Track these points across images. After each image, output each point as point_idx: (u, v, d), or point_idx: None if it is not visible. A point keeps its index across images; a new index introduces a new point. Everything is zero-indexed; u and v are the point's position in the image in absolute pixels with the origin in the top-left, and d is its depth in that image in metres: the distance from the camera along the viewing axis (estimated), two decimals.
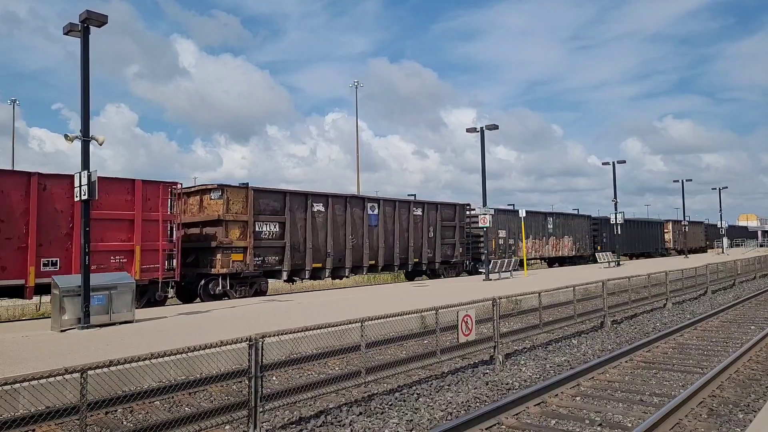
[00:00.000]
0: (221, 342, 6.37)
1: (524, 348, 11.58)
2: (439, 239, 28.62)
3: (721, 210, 60.51)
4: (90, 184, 12.42)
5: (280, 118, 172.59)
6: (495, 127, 26.06)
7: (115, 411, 7.40)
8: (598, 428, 6.71)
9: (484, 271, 26.15)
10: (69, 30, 12.67)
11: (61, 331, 12.14)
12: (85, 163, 12.68)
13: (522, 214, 30.54)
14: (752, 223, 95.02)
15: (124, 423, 7.09)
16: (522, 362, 10.37)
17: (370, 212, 24.79)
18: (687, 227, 55.86)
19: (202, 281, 19.25)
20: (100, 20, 12.63)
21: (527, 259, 33.22)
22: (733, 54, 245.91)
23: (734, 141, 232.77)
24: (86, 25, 12.68)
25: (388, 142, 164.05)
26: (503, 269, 27.53)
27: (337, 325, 7.82)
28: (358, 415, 7.23)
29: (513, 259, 29.16)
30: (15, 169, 15.80)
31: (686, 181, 51.32)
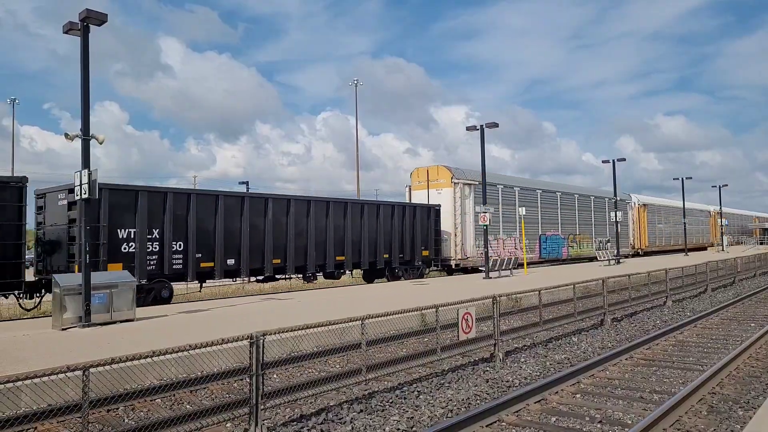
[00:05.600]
0: (222, 340, 6.39)
1: (524, 346, 11.60)
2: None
3: (721, 208, 60.54)
4: (90, 183, 12.43)
5: (269, 116, 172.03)
6: (495, 125, 26.04)
7: (117, 409, 7.42)
8: (599, 425, 6.73)
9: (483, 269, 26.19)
10: (69, 29, 12.67)
11: (62, 329, 12.16)
12: (86, 162, 12.68)
13: (522, 212, 30.54)
14: (439, 193, 32.03)
15: (126, 421, 7.11)
16: (522, 360, 10.39)
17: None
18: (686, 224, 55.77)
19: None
20: (100, 19, 12.63)
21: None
22: (732, 53, 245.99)
23: (729, 139, 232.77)
24: (86, 23, 12.67)
25: (382, 141, 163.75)
26: (503, 267, 27.54)
27: (337, 323, 7.85)
28: (359, 413, 7.25)
29: (513, 258, 29.16)
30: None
31: (686, 179, 51.12)
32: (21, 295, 15.72)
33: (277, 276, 22.08)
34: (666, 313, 16.37)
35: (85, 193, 12.48)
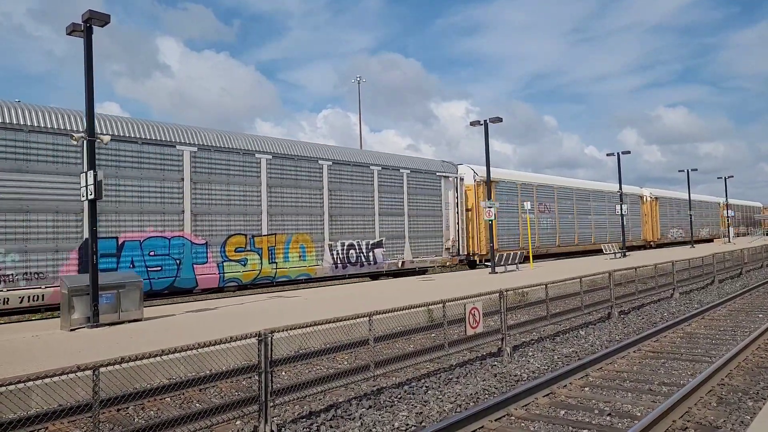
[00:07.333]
0: (231, 338, 6.41)
1: (532, 340, 11.59)
2: None
3: (727, 199, 60.29)
4: (96, 183, 12.46)
5: (269, 114, 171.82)
6: (499, 119, 25.97)
7: (127, 408, 7.46)
8: (607, 418, 6.72)
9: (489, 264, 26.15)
10: (72, 30, 12.69)
11: (71, 330, 12.22)
12: (91, 163, 12.72)
13: (527, 207, 30.46)
14: None
15: (136, 420, 7.15)
16: (530, 354, 10.39)
17: None
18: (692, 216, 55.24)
19: None
20: (103, 19, 12.64)
21: None
22: (736, 43, 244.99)
23: (732, 130, 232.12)
24: (89, 24, 12.69)
25: (384, 137, 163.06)
26: (509, 262, 27.51)
27: (345, 320, 7.86)
28: (367, 409, 7.27)
29: (519, 252, 29.12)
30: None
31: (691, 170, 50.78)
32: None
33: None
34: (673, 306, 16.32)
35: (91, 194, 12.53)
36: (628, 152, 39.46)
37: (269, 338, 6.39)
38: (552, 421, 6.64)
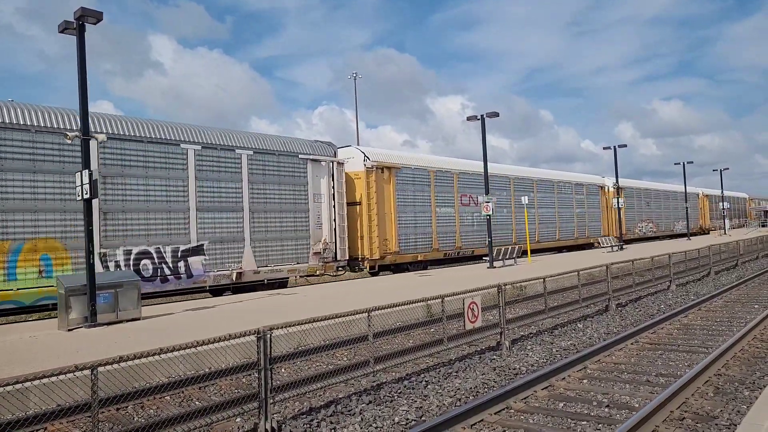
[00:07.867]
0: (230, 335, 6.41)
1: (530, 333, 11.63)
2: None
3: (723, 191, 60.50)
4: (91, 182, 12.42)
5: (265, 112, 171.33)
6: (495, 114, 25.95)
7: (126, 407, 7.45)
8: (606, 409, 6.75)
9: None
10: (64, 28, 12.61)
11: (69, 330, 12.19)
12: (86, 162, 12.67)
13: (525, 201, 30.49)
14: None
15: (136, 419, 7.15)
16: (528, 347, 10.42)
17: None
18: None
19: None
20: (96, 17, 12.57)
21: None
22: (732, 36, 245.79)
23: (728, 122, 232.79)
24: (81, 22, 12.62)
25: (380, 133, 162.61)
26: (507, 256, 27.55)
27: (344, 316, 7.87)
28: (367, 404, 7.29)
29: (516, 247, 29.16)
30: None
31: (687, 163, 50.84)
32: None
33: None
34: (670, 297, 16.39)
35: (86, 194, 12.49)
36: (624, 146, 39.56)
37: (268, 335, 6.39)
38: (551, 414, 6.67)
